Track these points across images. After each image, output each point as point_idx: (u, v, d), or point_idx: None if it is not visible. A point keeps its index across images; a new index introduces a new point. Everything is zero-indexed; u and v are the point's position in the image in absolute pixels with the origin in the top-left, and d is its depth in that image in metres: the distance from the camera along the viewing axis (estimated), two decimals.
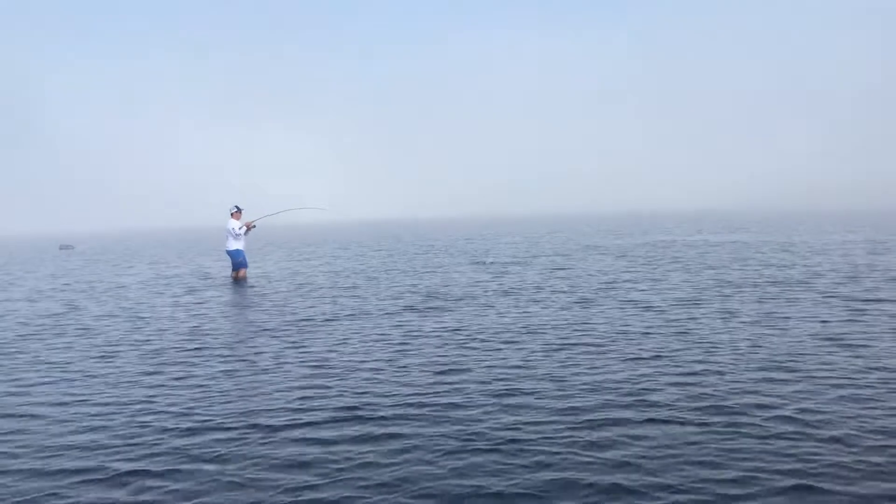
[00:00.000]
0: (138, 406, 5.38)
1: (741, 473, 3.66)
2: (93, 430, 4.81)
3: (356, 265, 19.77)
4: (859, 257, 16.24)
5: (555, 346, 7.05)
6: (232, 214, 16.11)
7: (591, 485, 3.58)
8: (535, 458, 3.95)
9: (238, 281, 16.12)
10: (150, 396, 5.66)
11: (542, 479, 3.68)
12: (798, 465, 3.74)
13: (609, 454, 3.99)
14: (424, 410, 4.96)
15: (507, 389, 5.46)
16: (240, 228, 15.99)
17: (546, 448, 4.10)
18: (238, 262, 16.49)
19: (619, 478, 3.66)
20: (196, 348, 7.75)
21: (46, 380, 6.42)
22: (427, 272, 16.66)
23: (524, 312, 9.45)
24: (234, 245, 16.27)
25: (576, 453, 4.00)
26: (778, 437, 4.17)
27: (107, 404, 5.47)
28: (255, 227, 16.48)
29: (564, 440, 4.22)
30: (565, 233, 40.81)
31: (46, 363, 7.19)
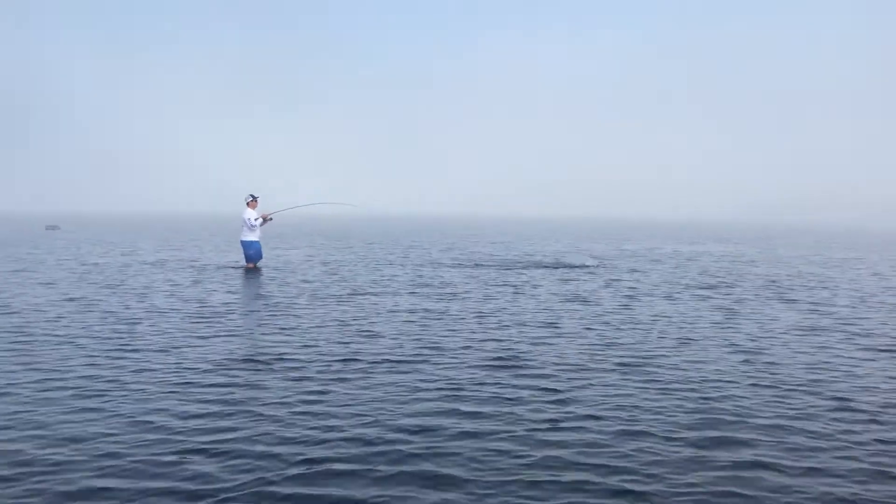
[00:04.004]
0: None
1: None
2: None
3: (355, 257, 21.43)
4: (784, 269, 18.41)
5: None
6: (248, 204, 15.23)
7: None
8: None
9: (250, 270, 15.44)
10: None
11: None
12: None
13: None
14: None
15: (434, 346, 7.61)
16: (255, 219, 15.12)
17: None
18: (250, 254, 15.58)
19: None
20: (207, 319, 9.17)
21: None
22: (413, 266, 18.19)
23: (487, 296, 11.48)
24: (250, 236, 15.38)
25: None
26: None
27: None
28: (272, 219, 15.78)
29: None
30: (559, 237, 40.91)
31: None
